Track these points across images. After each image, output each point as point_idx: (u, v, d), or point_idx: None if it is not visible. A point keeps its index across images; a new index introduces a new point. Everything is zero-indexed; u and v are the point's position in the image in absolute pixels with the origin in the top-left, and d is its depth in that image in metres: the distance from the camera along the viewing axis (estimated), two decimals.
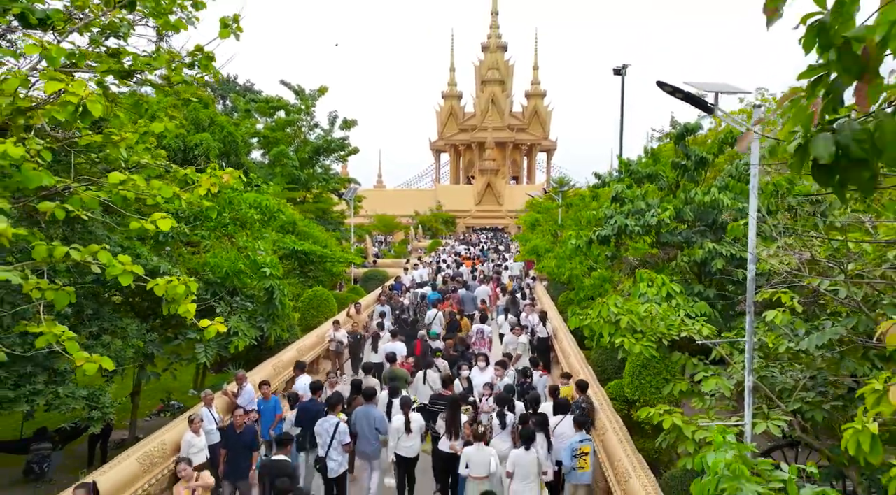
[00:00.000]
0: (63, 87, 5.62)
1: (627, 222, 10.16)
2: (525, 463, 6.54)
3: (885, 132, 2.04)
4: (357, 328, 15.02)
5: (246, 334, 10.69)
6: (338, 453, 7.15)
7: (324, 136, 27.38)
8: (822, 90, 2.14)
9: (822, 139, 2.10)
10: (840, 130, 2.09)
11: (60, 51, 6.08)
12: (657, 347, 7.34)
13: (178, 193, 7.00)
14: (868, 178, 2.13)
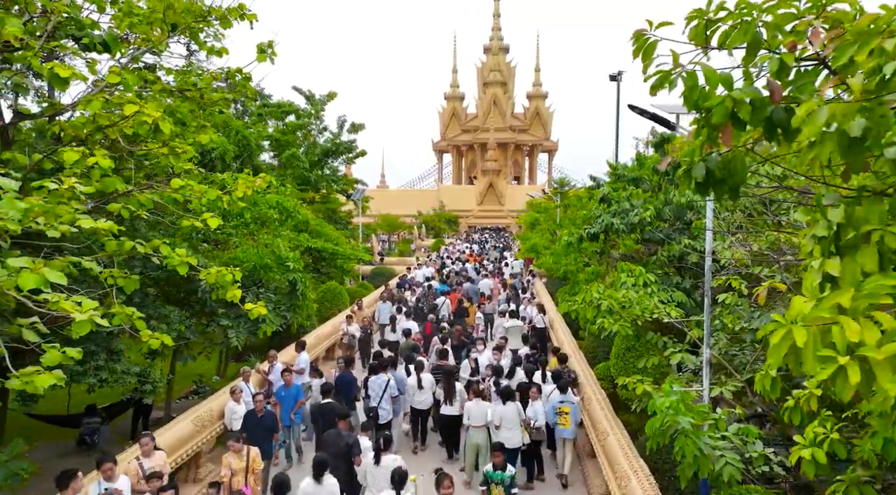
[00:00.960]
0: (138, 108, 6.94)
1: (613, 221, 11.37)
2: (507, 414, 7.98)
3: (737, 162, 3.25)
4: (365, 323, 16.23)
5: (272, 321, 11.94)
6: (387, 403, 8.52)
7: (332, 139, 28.61)
8: (703, 136, 3.34)
9: (698, 166, 3.30)
10: (709, 161, 3.29)
11: (134, 79, 7.42)
12: (633, 328, 8.57)
13: (220, 196, 8.33)
14: (727, 190, 3.33)
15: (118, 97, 7.25)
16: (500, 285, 21.41)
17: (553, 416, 8.27)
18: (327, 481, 6.09)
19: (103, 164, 6.84)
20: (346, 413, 7.71)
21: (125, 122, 7.22)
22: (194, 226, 8.71)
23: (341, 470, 6.66)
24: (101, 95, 7.13)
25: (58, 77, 6.27)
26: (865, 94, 2.15)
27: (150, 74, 8.61)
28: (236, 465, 7.12)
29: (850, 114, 2.17)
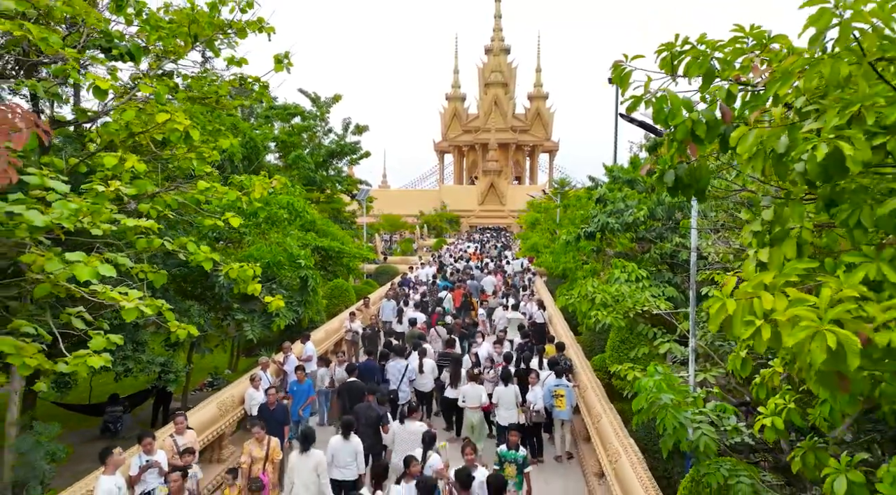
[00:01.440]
0: (169, 117, 7.62)
1: (609, 220, 12.00)
2: (505, 395, 8.73)
3: (701, 170, 3.87)
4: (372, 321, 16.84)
5: (285, 316, 12.59)
6: (406, 385, 9.20)
7: (337, 141, 29.24)
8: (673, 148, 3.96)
9: (668, 173, 3.92)
10: (678, 168, 3.91)
11: (164, 89, 8.11)
12: (626, 320, 9.20)
13: (239, 196, 9.00)
14: (694, 193, 3.96)
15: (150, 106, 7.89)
16: (501, 282, 22.05)
17: (550, 399, 8.92)
18: (353, 439, 7.00)
19: (139, 168, 7.54)
20: (374, 388, 8.57)
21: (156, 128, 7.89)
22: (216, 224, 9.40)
23: (370, 437, 7.54)
24: (134, 104, 7.77)
25: (98, 89, 6.92)
26: (784, 120, 2.78)
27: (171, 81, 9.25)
28: (256, 453, 7.46)
29: (774, 135, 2.80)
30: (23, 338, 5.70)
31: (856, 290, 2.34)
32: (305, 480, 6.47)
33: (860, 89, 2.47)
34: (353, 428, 7.02)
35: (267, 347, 16.25)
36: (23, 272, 6.92)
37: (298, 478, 6.52)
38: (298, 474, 6.54)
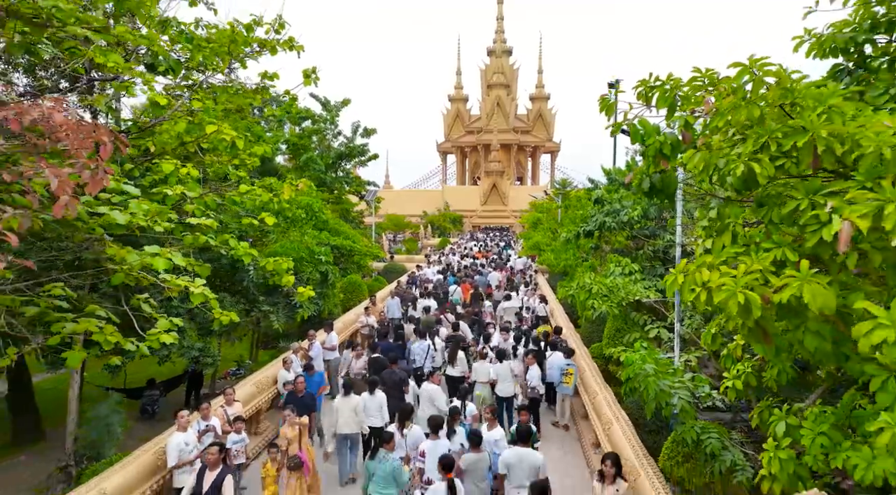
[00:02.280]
0: (217, 128, 8.69)
1: (606, 220, 13.05)
2: (501, 370, 9.98)
3: (669, 179, 4.92)
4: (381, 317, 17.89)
5: (307, 307, 13.66)
6: (430, 362, 10.91)
7: (346, 143, 30.31)
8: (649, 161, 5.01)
9: (644, 181, 4.97)
10: (652, 177, 4.96)
11: (211, 103, 9.19)
12: (620, 309, 10.24)
13: (272, 198, 10.09)
14: (664, 197, 5.00)
15: (199, 118, 8.97)
16: (505, 278, 23.11)
17: (559, 376, 10.02)
18: (378, 395, 8.54)
19: (193, 174, 8.64)
20: (396, 357, 9.98)
21: (204, 138, 8.97)
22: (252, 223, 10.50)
23: (395, 398, 8.84)
24: (185, 117, 8.83)
25: (157, 104, 8.01)
26: (721, 145, 3.82)
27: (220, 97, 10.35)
28: (291, 434, 8.04)
29: (716, 156, 3.84)
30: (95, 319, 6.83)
31: (762, 266, 3.38)
32: (347, 418, 8.33)
33: (767, 125, 3.52)
34: (377, 385, 8.66)
35: (285, 339, 17.36)
36: (86, 265, 7.96)
37: (342, 417, 8.33)
38: (342, 413, 8.35)
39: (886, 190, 3.00)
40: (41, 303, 7.49)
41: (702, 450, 6.78)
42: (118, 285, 8.74)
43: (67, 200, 5.65)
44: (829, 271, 3.43)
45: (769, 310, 3.27)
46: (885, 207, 2.91)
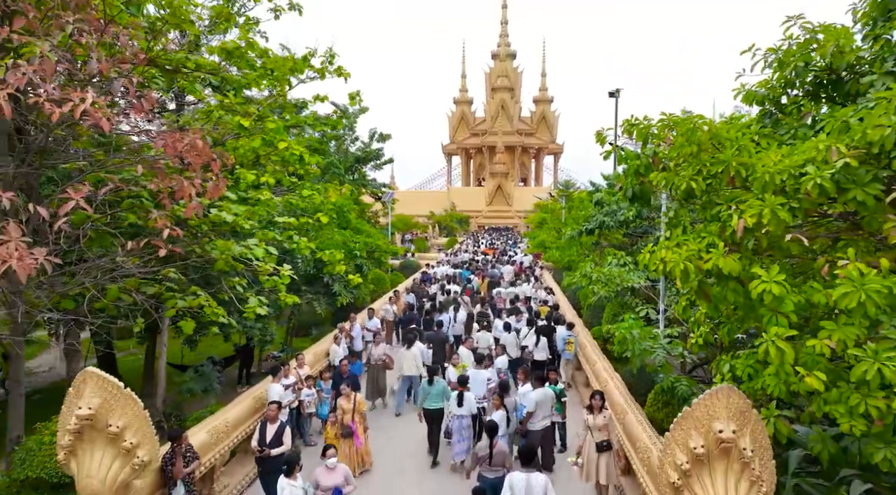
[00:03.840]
0: (286, 144, 10.74)
1: (605, 219, 15.04)
2: (508, 339, 12.23)
3: (647, 189, 6.92)
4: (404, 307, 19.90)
5: (344, 295, 15.68)
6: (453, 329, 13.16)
7: (363, 148, 32.34)
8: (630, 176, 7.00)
9: (628, 191, 6.97)
10: (634, 187, 6.95)
11: (281, 123, 11.23)
12: (615, 294, 12.23)
13: (323, 201, 12.14)
14: (643, 202, 7.00)
15: (271, 135, 11.00)
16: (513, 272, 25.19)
17: (563, 345, 12.08)
18: (413, 349, 11.46)
19: (270, 181, 10.70)
20: (441, 322, 12.66)
21: (277, 152, 10.99)
22: (308, 222, 12.57)
23: (440, 354, 11.56)
24: (260, 134, 10.84)
25: (242, 126, 10.04)
26: (674, 168, 5.80)
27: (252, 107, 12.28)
28: (346, 406, 9.13)
29: (670, 176, 5.82)
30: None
31: (698, 247, 5.36)
32: (409, 363, 11.49)
33: (701, 157, 5.51)
34: (413, 342, 11.59)
35: (316, 327, 19.40)
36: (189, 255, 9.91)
37: (406, 362, 11.48)
38: (406, 359, 11.52)
39: (768, 200, 4.97)
40: (158, 286, 9.60)
41: (676, 397, 8.78)
42: (213, 272, 10.84)
43: (197, 203, 7.78)
44: (739, 250, 5.41)
45: (704, 277, 5.25)
46: (763, 210, 4.89)
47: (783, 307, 5.02)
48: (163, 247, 7.31)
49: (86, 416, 5.42)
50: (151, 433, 5.92)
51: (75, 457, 5.66)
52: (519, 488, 5.91)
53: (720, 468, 5.15)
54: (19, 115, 7.39)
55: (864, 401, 4.62)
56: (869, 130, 4.59)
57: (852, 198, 4.80)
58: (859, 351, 4.59)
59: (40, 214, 5.92)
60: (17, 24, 6.70)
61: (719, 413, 5.14)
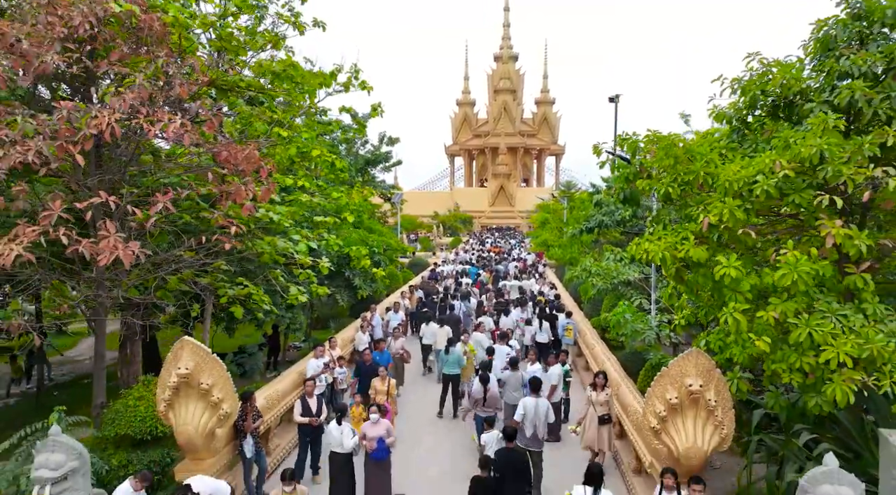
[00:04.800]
0: (319, 152, 12.11)
1: (604, 219, 16.38)
2: (508, 322, 13.57)
3: (636, 192, 8.27)
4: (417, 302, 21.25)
5: (364, 288, 17.04)
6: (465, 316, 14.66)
7: (373, 151, 33.70)
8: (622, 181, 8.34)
9: (620, 194, 8.31)
10: (625, 191, 8.29)
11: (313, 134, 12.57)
12: (612, 286, 13.58)
13: (348, 202, 13.53)
14: (635, 203, 8.36)
15: (305, 144, 12.35)
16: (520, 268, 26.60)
17: (563, 330, 13.42)
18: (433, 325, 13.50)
19: (306, 185, 12.05)
20: (452, 305, 14.55)
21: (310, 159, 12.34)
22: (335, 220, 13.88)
23: (454, 332, 13.02)
24: (296, 143, 12.18)
25: (280, 136, 11.36)
26: (657, 176, 7.14)
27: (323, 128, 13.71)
28: (380, 388, 10.07)
29: (653, 183, 7.16)
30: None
31: (674, 240, 6.71)
32: (441, 337, 13.10)
33: (677, 168, 6.86)
34: (443, 324, 13.63)
35: (334, 319, 20.78)
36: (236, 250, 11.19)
37: (439, 337, 13.27)
38: (438, 334, 13.36)
39: (728, 202, 6.32)
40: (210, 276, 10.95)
41: None
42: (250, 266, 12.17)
43: (251, 205, 9.14)
44: (707, 242, 6.76)
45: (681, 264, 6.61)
46: (724, 210, 6.23)
47: (741, 287, 6.37)
48: (228, 241, 8.69)
49: (184, 375, 6.78)
50: (232, 391, 7.27)
51: (173, 410, 7.02)
52: (530, 408, 7.84)
53: (690, 415, 6.49)
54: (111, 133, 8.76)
55: (800, 359, 5.96)
56: (803, 149, 5.95)
57: (792, 201, 6.16)
58: (796, 319, 5.94)
59: (127, 213, 7.29)
60: (114, 56, 8.09)
61: (689, 371, 6.48)
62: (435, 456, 9.75)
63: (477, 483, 6.39)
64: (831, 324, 5.85)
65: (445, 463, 9.48)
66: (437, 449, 10.05)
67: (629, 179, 7.84)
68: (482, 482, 6.39)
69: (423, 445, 10.18)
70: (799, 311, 6.04)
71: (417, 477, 8.87)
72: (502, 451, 6.82)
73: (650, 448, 7.22)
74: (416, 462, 9.44)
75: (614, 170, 7.86)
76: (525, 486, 6.74)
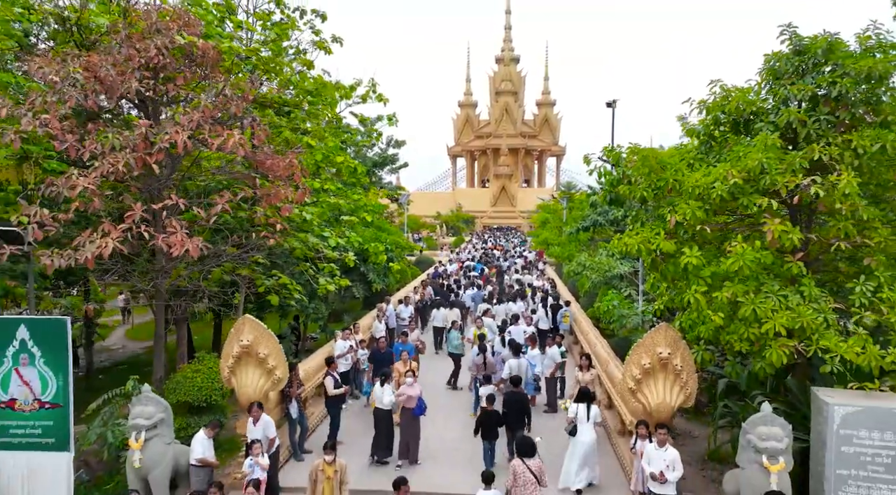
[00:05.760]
0: (342, 159, 13.61)
1: (598, 218, 17.86)
2: (513, 308, 14.91)
3: (619, 195, 9.74)
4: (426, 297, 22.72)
5: (378, 282, 18.53)
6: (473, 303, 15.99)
7: (381, 153, 35.21)
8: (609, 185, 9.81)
9: (606, 197, 9.78)
10: (611, 194, 9.76)
11: (337, 142, 14.12)
12: (605, 279, 15.07)
13: (365, 203, 15.03)
14: (619, 204, 9.83)
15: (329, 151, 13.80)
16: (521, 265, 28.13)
17: (560, 318, 14.92)
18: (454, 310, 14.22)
19: (331, 188, 13.54)
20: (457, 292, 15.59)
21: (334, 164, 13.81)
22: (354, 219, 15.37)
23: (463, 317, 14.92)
24: (321, 150, 13.64)
25: (308, 145, 12.83)
26: (635, 182, 8.61)
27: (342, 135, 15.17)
28: (402, 369, 11.07)
29: (632, 189, 8.62)
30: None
31: (648, 235, 8.17)
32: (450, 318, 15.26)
33: (650, 176, 8.32)
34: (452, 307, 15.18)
35: (347, 313, 22.27)
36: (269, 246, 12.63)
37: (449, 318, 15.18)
38: (448, 316, 15.42)
39: (691, 204, 7.77)
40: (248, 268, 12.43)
41: None
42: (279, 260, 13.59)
43: (290, 206, 10.63)
44: (675, 237, 8.21)
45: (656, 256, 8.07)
46: (687, 211, 7.69)
47: (702, 273, 7.83)
48: (273, 237, 10.18)
49: (245, 346, 8.27)
50: (284, 360, 8.75)
51: (235, 375, 8.50)
52: (513, 366, 10.15)
53: (660, 377, 7.96)
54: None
55: (747, 330, 7.42)
56: (749, 161, 7.41)
57: (741, 203, 7.62)
58: (744, 298, 7.39)
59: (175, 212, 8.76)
60: (179, 81, 9.58)
61: (660, 341, 7.94)
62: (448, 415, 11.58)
63: (485, 414, 8.51)
64: (772, 302, 7.30)
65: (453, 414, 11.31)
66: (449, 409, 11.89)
67: (614, 185, 9.31)
68: (489, 413, 8.50)
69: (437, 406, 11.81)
70: (747, 292, 7.50)
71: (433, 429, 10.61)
72: (510, 393, 9.04)
73: (630, 408, 8.69)
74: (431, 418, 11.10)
75: (600, 176, 9.32)
76: (525, 418, 8.99)
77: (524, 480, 6.71)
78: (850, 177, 6.90)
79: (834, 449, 6.88)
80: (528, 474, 6.75)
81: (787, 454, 6.88)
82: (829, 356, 6.95)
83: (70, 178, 8.20)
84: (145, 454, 7.51)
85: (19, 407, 7.17)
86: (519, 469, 6.81)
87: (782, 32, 8.22)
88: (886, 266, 7.63)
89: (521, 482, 6.72)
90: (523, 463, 6.85)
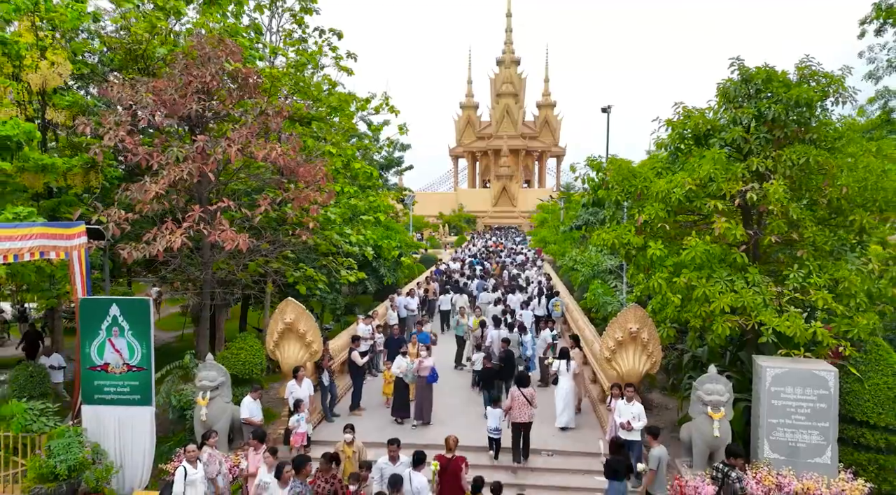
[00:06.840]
0: (360, 165, 15.38)
1: (589, 218, 19.57)
2: (513, 299, 16.54)
3: (601, 199, 11.45)
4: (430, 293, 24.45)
5: (389, 277, 20.27)
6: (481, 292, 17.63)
7: (387, 157, 36.93)
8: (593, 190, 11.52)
9: (591, 199, 11.48)
10: (595, 198, 11.46)
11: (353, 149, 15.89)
12: (595, 273, 16.79)
13: (379, 204, 16.79)
14: (600, 206, 11.52)
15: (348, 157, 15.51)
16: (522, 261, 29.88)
17: (552, 306, 16.65)
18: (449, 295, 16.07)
19: (350, 190, 15.29)
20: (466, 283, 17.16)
21: (352, 170, 15.55)
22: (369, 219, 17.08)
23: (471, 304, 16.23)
24: (339, 158, 15.33)
25: (330, 153, 14.56)
26: (611, 188, 10.32)
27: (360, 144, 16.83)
28: (413, 350, 12.31)
29: (610, 193, 10.33)
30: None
31: (621, 231, 9.87)
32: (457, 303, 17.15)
33: (624, 183, 10.03)
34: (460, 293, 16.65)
35: (358, 306, 24.01)
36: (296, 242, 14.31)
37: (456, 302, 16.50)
38: (457, 301, 16.51)
39: (655, 206, 9.47)
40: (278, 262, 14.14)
41: None
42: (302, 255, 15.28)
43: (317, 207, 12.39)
44: (643, 233, 9.91)
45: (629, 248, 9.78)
46: (651, 211, 9.39)
47: (665, 263, 9.54)
48: (306, 234, 11.88)
49: (288, 323, 10.00)
50: (320, 336, 10.48)
51: (279, 349, 10.24)
52: (494, 335, 12.27)
53: (631, 348, 9.67)
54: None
55: (700, 308, 9.13)
56: (701, 171, 9.12)
57: (695, 205, 9.34)
58: (697, 283, 9.10)
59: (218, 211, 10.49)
60: (228, 102, 11.32)
61: (630, 319, 9.66)
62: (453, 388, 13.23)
63: (486, 369, 10.94)
64: (720, 285, 9.01)
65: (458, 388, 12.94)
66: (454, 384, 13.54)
67: (595, 189, 11.02)
68: (488, 369, 10.94)
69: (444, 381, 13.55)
70: (700, 277, 9.21)
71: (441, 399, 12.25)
72: (503, 351, 11.56)
73: (607, 375, 10.41)
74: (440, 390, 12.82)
75: (583, 183, 11.01)
76: (514, 370, 11.15)
77: (519, 402, 9.28)
78: (779, 184, 8.61)
79: (766, 402, 8.59)
80: (522, 398, 9.22)
81: (728, 406, 8.60)
82: (765, 328, 8.66)
83: (144, 185, 9.94)
84: (210, 409, 9.23)
85: (111, 370, 8.90)
86: (516, 394, 9.27)
87: (732, 64, 9.93)
88: (815, 257, 9.33)
89: (517, 404, 9.26)
90: (519, 390, 9.25)
